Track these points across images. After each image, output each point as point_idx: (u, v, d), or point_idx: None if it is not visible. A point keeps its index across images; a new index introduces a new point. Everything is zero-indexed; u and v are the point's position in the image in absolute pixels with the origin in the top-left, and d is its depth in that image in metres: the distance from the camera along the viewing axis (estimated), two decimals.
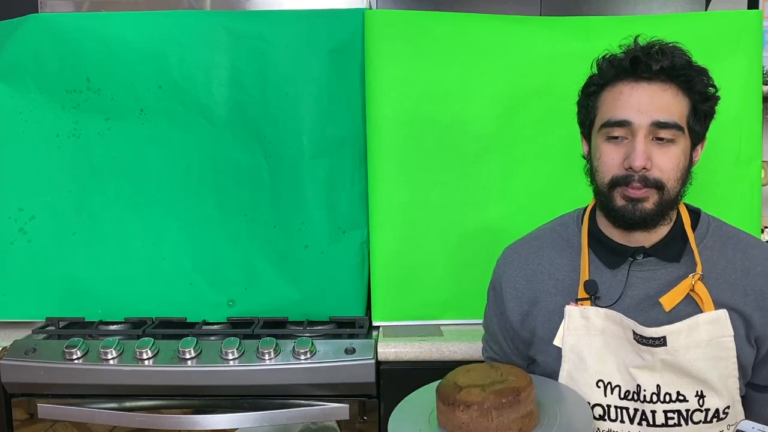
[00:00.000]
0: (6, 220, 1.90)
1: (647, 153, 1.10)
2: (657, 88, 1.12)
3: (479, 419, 1.03)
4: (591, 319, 1.17)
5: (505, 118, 1.85)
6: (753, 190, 1.85)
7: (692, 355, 1.11)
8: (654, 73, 1.11)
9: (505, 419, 1.04)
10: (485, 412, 1.03)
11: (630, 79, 1.13)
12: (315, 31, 1.84)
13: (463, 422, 1.04)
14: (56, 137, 1.91)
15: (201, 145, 1.89)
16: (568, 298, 1.21)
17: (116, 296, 1.89)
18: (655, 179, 1.11)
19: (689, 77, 1.12)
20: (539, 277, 1.26)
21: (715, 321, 1.12)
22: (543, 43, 1.84)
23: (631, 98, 1.12)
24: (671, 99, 1.12)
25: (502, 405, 1.04)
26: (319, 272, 1.88)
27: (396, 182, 1.85)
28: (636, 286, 1.18)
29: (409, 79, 1.83)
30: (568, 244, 1.26)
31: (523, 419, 1.05)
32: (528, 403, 1.06)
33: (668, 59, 1.11)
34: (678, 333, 1.11)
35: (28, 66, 1.87)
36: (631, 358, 1.14)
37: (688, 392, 1.12)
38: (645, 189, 1.11)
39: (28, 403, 1.72)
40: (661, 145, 1.11)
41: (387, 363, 1.69)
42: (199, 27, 1.86)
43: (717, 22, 1.83)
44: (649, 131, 1.11)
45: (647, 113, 1.10)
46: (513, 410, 1.04)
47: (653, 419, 1.13)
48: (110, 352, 1.67)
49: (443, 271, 1.86)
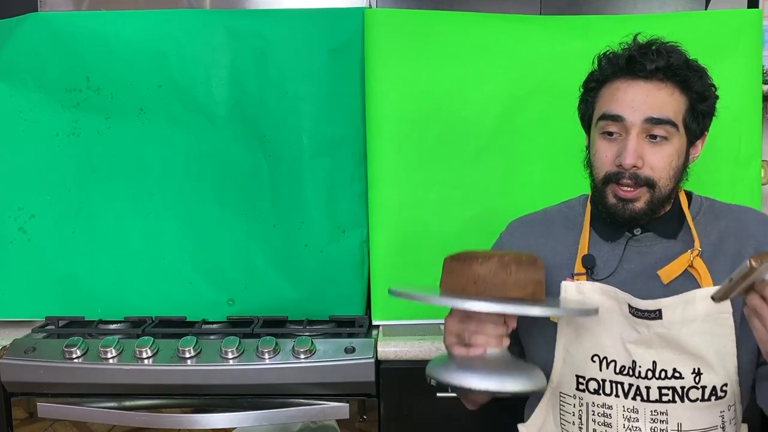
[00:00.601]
0: (5, 219, 1.90)
1: (638, 151, 1.12)
2: (652, 87, 1.14)
3: (498, 271, 1.02)
4: (586, 294, 1.18)
5: (505, 117, 1.85)
6: (753, 189, 1.85)
7: (688, 329, 1.11)
8: (650, 72, 1.13)
9: (523, 276, 1.03)
10: (505, 265, 1.02)
11: (627, 76, 1.15)
12: (315, 29, 1.84)
13: (480, 275, 1.02)
14: (56, 136, 1.91)
15: (201, 144, 1.89)
16: (566, 273, 1.23)
17: (116, 295, 1.89)
18: (646, 177, 1.13)
19: (686, 77, 1.14)
20: (541, 250, 1.26)
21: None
22: (543, 42, 1.84)
23: (626, 95, 1.14)
24: (667, 97, 1.13)
25: (522, 261, 1.03)
26: (318, 271, 1.88)
27: (396, 181, 1.85)
28: (632, 260, 1.20)
29: (409, 78, 1.83)
30: (573, 222, 1.29)
31: (537, 284, 1.04)
32: (542, 273, 1.06)
33: (664, 59, 1.12)
34: (674, 306, 1.12)
35: (28, 65, 1.87)
36: (627, 333, 1.15)
37: (684, 369, 1.12)
38: (636, 189, 1.14)
39: (28, 402, 1.72)
40: (654, 143, 1.13)
41: (387, 362, 1.69)
42: (199, 26, 1.86)
43: (717, 21, 1.83)
44: (642, 129, 1.13)
45: (640, 110, 1.13)
46: (530, 270, 1.04)
47: (648, 395, 1.14)
48: (110, 351, 1.67)
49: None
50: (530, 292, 1.04)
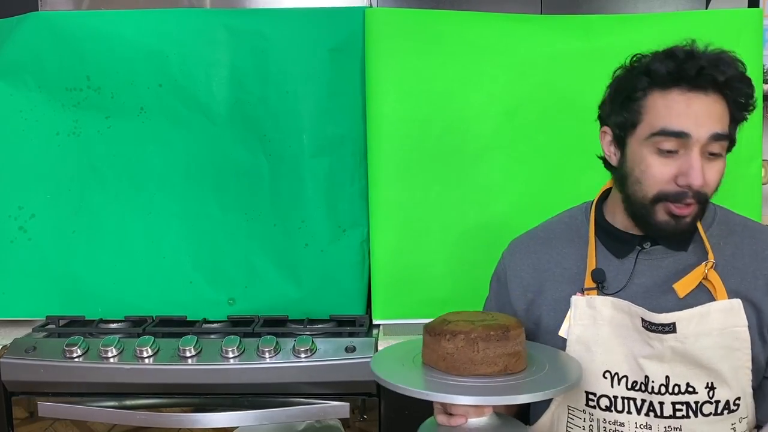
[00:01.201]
0: (6, 218, 1.90)
1: (703, 170, 1.07)
2: (711, 100, 1.06)
3: (465, 349, 1.01)
4: (598, 309, 1.16)
5: (505, 117, 1.85)
6: (753, 188, 1.86)
7: (703, 343, 1.09)
8: (714, 84, 1.06)
9: (491, 353, 1.01)
10: (472, 342, 1.01)
11: (685, 87, 1.06)
12: (315, 29, 1.84)
13: (449, 352, 1.02)
14: (56, 135, 1.91)
15: (201, 144, 1.89)
16: (575, 288, 1.20)
17: (116, 294, 1.89)
18: (705, 194, 1.09)
19: (741, 90, 1.08)
20: (546, 266, 1.25)
21: (728, 310, 1.10)
22: (543, 41, 1.84)
23: (690, 109, 1.06)
24: (722, 111, 1.07)
25: (490, 337, 1.01)
26: (319, 271, 1.88)
27: (396, 181, 1.85)
28: (644, 274, 1.17)
29: (409, 77, 1.83)
30: (576, 234, 1.25)
31: (509, 357, 1.02)
32: (516, 344, 1.03)
33: (731, 70, 1.06)
34: (688, 320, 1.10)
35: (28, 64, 1.87)
36: (640, 348, 1.13)
37: (697, 384, 1.11)
38: (696, 205, 1.09)
39: (28, 401, 1.72)
40: (710, 159, 1.08)
41: None
42: (199, 25, 1.86)
43: (717, 20, 1.83)
44: (705, 145, 1.06)
45: (706, 126, 1.05)
46: (500, 345, 1.01)
47: (661, 410, 1.12)
48: (110, 351, 1.67)
49: (443, 270, 1.87)
50: (501, 367, 1.02)
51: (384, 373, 1.03)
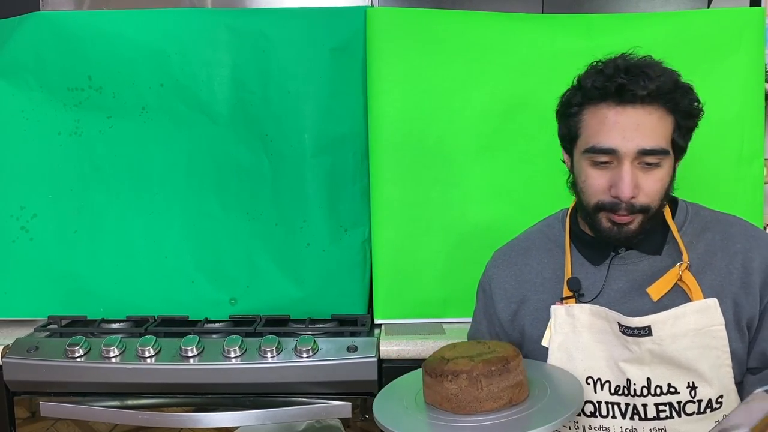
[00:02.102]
0: (8, 218, 1.91)
1: (634, 181, 1.09)
2: (643, 113, 1.08)
3: (468, 388, 1.02)
4: (576, 316, 1.17)
5: (507, 116, 1.85)
6: (755, 188, 1.85)
7: (679, 344, 1.10)
8: (640, 98, 1.07)
9: (495, 388, 1.02)
10: (474, 381, 1.01)
11: (613, 101, 1.09)
12: (317, 28, 1.84)
13: (452, 393, 1.02)
14: (58, 135, 1.91)
15: (203, 143, 1.89)
16: (554, 297, 1.21)
17: (118, 294, 1.90)
18: (641, 205, 1.11)
19: (675, 100, 1.09)
20: (527, 276, 1.26)
21: (704, 309, 1.11)
22: (545, 41, 1.83)
23: (617, 124, 1.08)
24: (657, 122, 1.08)
25: (492, 373, 1.02)
26: (321, 270, 1.88)
27: (397, 180, 1.85)
28: (620, 279, 1.18)
29: (410, 76, 1.83)
30: (555, 243, 1.27)
31: (513, 389, 1.03)
32: (517, 374, 1.04)
33: (654, 84, 1.07)
34: (663, 322, 1.11)
35: (30, 64, 1.87)
36: (620, 352, 1.14)
37: (678, 384, 1.12)
38: (633, 215, 1.11)
39: (30, 401, 1.72)
40: (647, 169, 1.10)
41: (389, 361, 1.69)
42: (201, 25, 1.86)
43: (719, 19, 1.82)
44: (635, 158, 1.09)
45: (633, 140, 1.07)
46: (503, 379, 1.02)
47: (645, 413, 1.13)
48: (112, 351, 1.67)
49: (445, 269, 1.86)
50: (506, 401, 1.03)
51: (390, 422, 1.03)
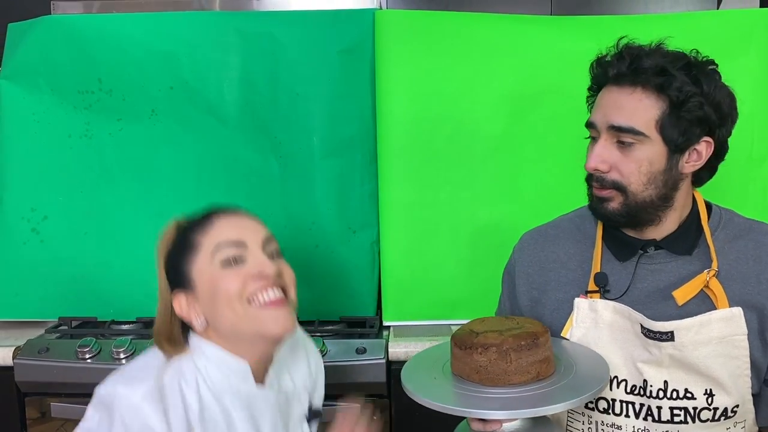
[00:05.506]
0: (19, 220, 1.92)
1: (602, 155, 1.11)
2: (623, 92, 1.10)
3: (498, 361, 1.03)
4: (599, 312, 1.17)
5: (516, 117, 1.85)
6: (765, 189, 1.84)
7: (701, 351, 1.09)
8: (615, 78, 1.11)
9: (524, 362, 1.03)
10: (504, 354, 1.03)
11: (610, 83, 1.13)
12: (325, 31, 1.85)
13: (481, 365, 1.04)
14: (68, 138, 1.92)
15: (212, 146, 1.89)
16: (578, 290, 1.20)
17: (128, 296, 1.90)
18: (612, 181, 1.12)
19: (661, 83, 1.07)
20: (552, 265, 1.25)
21: (729, 318, 1.10)
22: (553, 42, 1.83)
23: (601, 101, 1.14)
24: (636, 103, 1.09)
25: (521, 347, 1.03)
26: (329, 272, 1.89)
27: (406, 182, 1.85)
28: (645, 279, 1.17)
29: (419, 78, 1.83)
30: (584, 235, 1.26)
31: (540, 364, 1.05)
32: (545, 349, 1.06)
33: (625, 63, 1.09)
34: (687, 329, 1.09)
35: (41, 67, 1.89)
36: (639, 353, 1.14)
37: (696, 390, 1.11)
38: (607, 189, 1.13)
39: (41, 401, 1.73)
40: (622, 147, 1.11)
41: (398, 363, 1.69)
42: (210, 28, 1.87)
43: (729, 20, 1.82)
44: (610, 134, 1.11)
45: (605, 116, 1.11)
46: (531, 353, 1.04)
47: (659, 415, 1.12)
48: (122, 352, 1.67)
49: (453, 271, 1.86)
50: (534, 375, 1.04)
51: (421, 391, 1.05)
